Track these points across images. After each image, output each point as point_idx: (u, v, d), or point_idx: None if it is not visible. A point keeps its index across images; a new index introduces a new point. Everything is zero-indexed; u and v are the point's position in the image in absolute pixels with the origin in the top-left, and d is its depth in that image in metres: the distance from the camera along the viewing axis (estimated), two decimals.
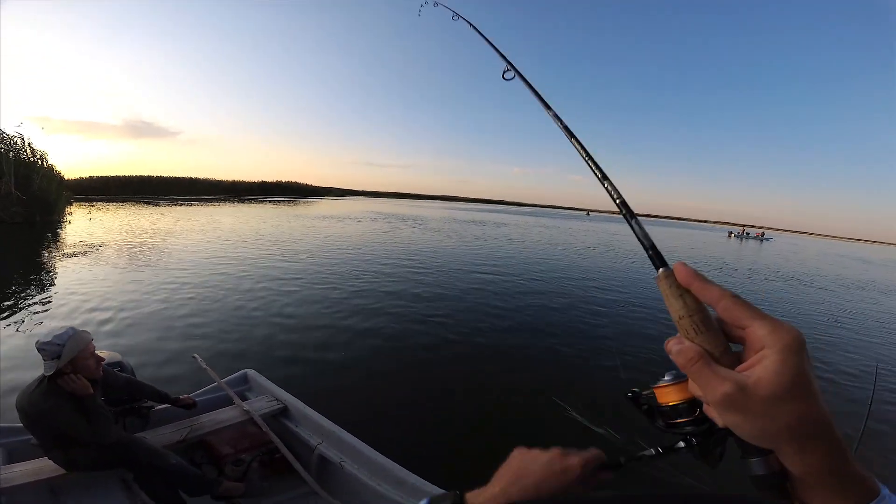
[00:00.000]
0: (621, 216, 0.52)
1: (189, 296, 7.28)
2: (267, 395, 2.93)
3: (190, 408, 2.60)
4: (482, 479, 0.58)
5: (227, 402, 2.82)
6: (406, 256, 13.06)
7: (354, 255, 12.83)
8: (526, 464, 0.54)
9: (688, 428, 0.43)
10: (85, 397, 1.95)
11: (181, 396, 2.60)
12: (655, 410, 0.46)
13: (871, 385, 2.15)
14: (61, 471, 2.01)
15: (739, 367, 0.36)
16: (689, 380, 0.40)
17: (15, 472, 1.98)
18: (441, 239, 19.36)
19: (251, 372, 3.21)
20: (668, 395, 0.45)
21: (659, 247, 0.45)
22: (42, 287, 7.67)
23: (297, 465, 2.33)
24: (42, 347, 1.90)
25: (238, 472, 2.49)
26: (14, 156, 15.95)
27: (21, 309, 6.35)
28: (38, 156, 17.13)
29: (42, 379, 1.93)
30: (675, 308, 0.40)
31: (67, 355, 1.90)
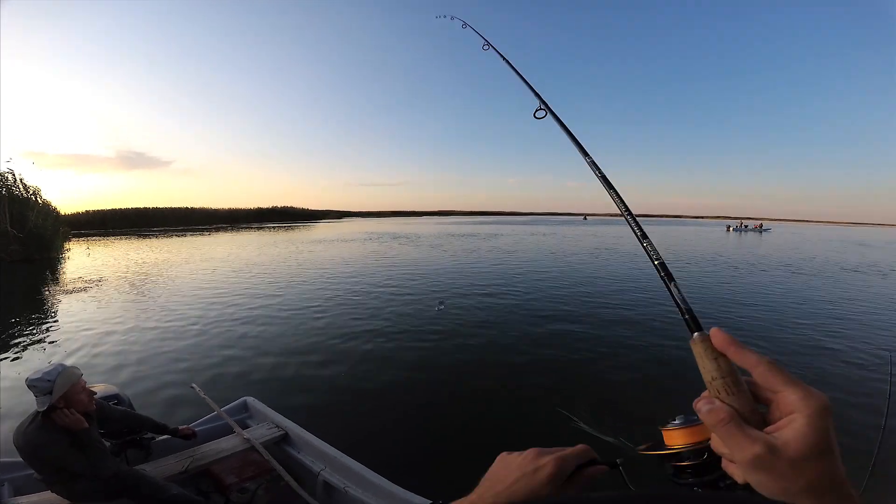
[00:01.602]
0: (617, 218, 0.52)
1: (186, 326, 7.32)
2: (267, 422, 2.92)
3: (190, 438, 2.59)
4: None
5: (228, 430, 2.80)
6: (397, 274, 13.12)
7: (346, 276, 12.91)
8: (501, 468, 0.54)
9: (690, 473, 0.44)
10: (80, 431, 1.96)
11: (180, 427, 2.60)
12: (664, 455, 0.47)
13: (888, 377, 2.09)
14: (67, 503, 2.03)
15: (767, 429, 0.37)
16: (714, 436, 0.41)
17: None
18: (434, 255, 19.40)
19: (250, 399, 3.19)
20: (675, 438, 0.46)
21: (658, 244, 0.46)
22: (43, 324, 7.70)
23: (301, 493, 2.30)
24: (33, 384, 1.91)
25: (244, 500, 2.46)
26: (7, 192, 15.74)
27: (24, 346, 6.39)
28: (31, 192, 16.90)
29: (36, 415, 1.94)
30: (708, 370, 0.42)
31: (59, 391, 1.92)
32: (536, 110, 0.94)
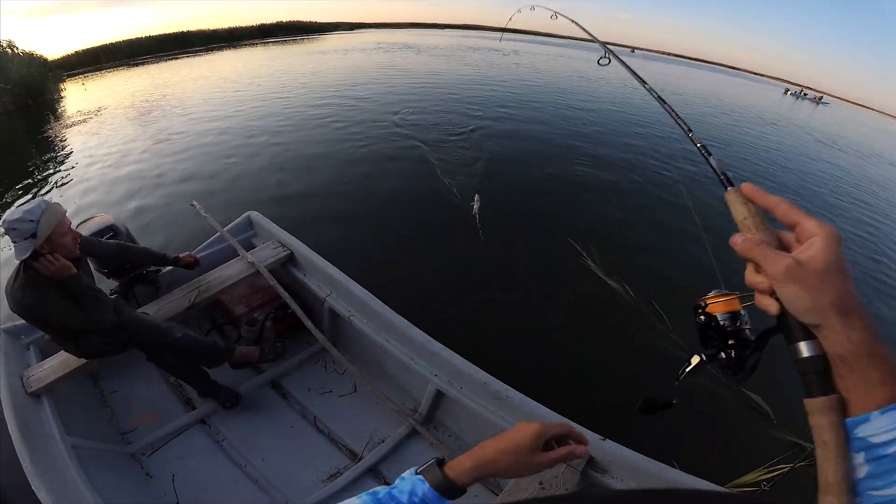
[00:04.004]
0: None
1: (185, 145, 7.18)
2: (272, 240, 2.71)
3: (193, 267, 2.36)
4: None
5: (233, 253, 2.59)
6: (407, 84, 12.47)
7: (357, 87, 12.26)
8: (501, 439, 0.61)
9: (728, 338, 0.55)
10: (68, 279, 1.71)
11: (181, 255, 2.34)
12: (704, 321, 0.57)
13: None
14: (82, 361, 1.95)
15: (794, 251, 0.43)
16: (749, 267, 0.47)
17: (50, 367, 1.95)
18: (445, 65, 18.39)
19: (254, 214, 2.91)
20: (716, 307, 0.57)
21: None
22: (49, 161, 7.51)
23: (308, 324, 2.28)
24: (12, 227, 1.58)
25: (253, 333, 2.49)
26: None
27: (24, 189, 6.22)
28: (6, 45, 16.28)
29: (19, 268, 1.68)
30: (739, 212, 0.49)
31: (44, 232, 1.61)
32: (600, 58, 1.19)
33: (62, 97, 15.63)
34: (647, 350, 3.25)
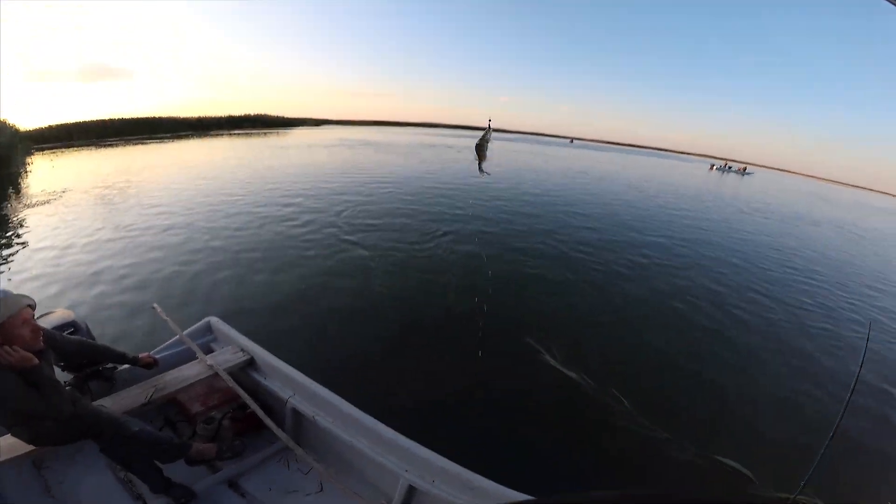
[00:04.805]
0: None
1: (148, 240, 7.08)
2: (232, 345, 2.79)
3: (151, 367, 2.42)
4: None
5: (192, 356, 2.67)
6: (371, 185, 12.95)
7: (315, 183, 12.78)
8: None
9: None
10: (29, 370, 1.72)
11: (141, 355, 2.40)
12: None
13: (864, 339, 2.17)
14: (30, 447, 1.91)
15: None
16: None
17: None
18: (409, 165, 19.30)
19: (214, 320, 3.01)
20: None
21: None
22: (3, 245, 7.13)
23: (268, 422, 2.27)
24: None
25: (209, 431, 2.43)
26: None
27: None
28: None
29: None
30: None
31: None
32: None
33: (28, 171, 15.28)
34: (611, 430, 3.35)
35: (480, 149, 1.78)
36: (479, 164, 1.72)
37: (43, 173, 15.11)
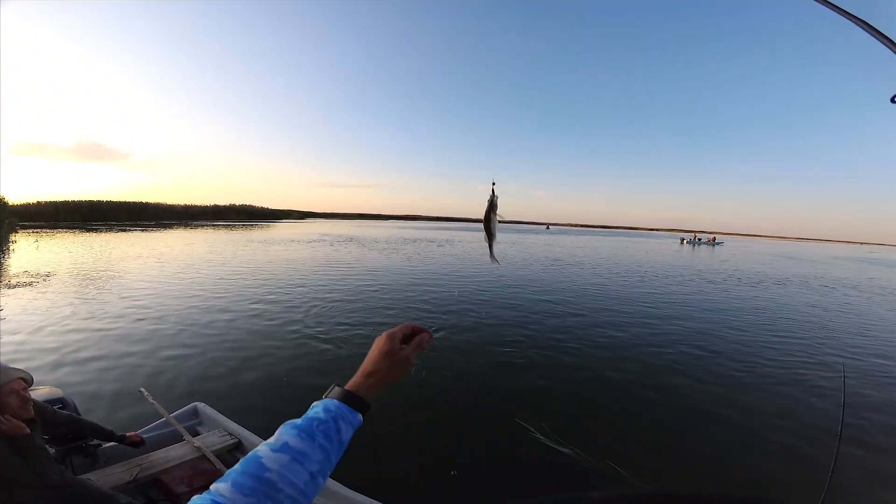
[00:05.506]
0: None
1: (135, 327, 7.00)
2: (219, 429, 2.81)
3: (138, 446, 2.44)
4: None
5: (178, 437, 2.67)
6: (352, 279, 13.05)
7: (299, 277, 12.86)
8: (371, 353, 0.73)
9: None
10: (20, 437, 1.76)
11: (128, 434, 2.43)
12: None
13: (841, 386, 2.31)
14: None
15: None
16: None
17: None
18: (385, 259, 19.35)
19: (201, 405, 3.07)
20: None
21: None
22: None
23: None
24: None
25: None
26: None
27: None
28: None
29: None
30: None
31: None
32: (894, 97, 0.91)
33: (12, 250, 14.85)
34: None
35: (489, 223, 1.34)
36: (490, 245, 1.37)
37: (27, 253, 14.97)
